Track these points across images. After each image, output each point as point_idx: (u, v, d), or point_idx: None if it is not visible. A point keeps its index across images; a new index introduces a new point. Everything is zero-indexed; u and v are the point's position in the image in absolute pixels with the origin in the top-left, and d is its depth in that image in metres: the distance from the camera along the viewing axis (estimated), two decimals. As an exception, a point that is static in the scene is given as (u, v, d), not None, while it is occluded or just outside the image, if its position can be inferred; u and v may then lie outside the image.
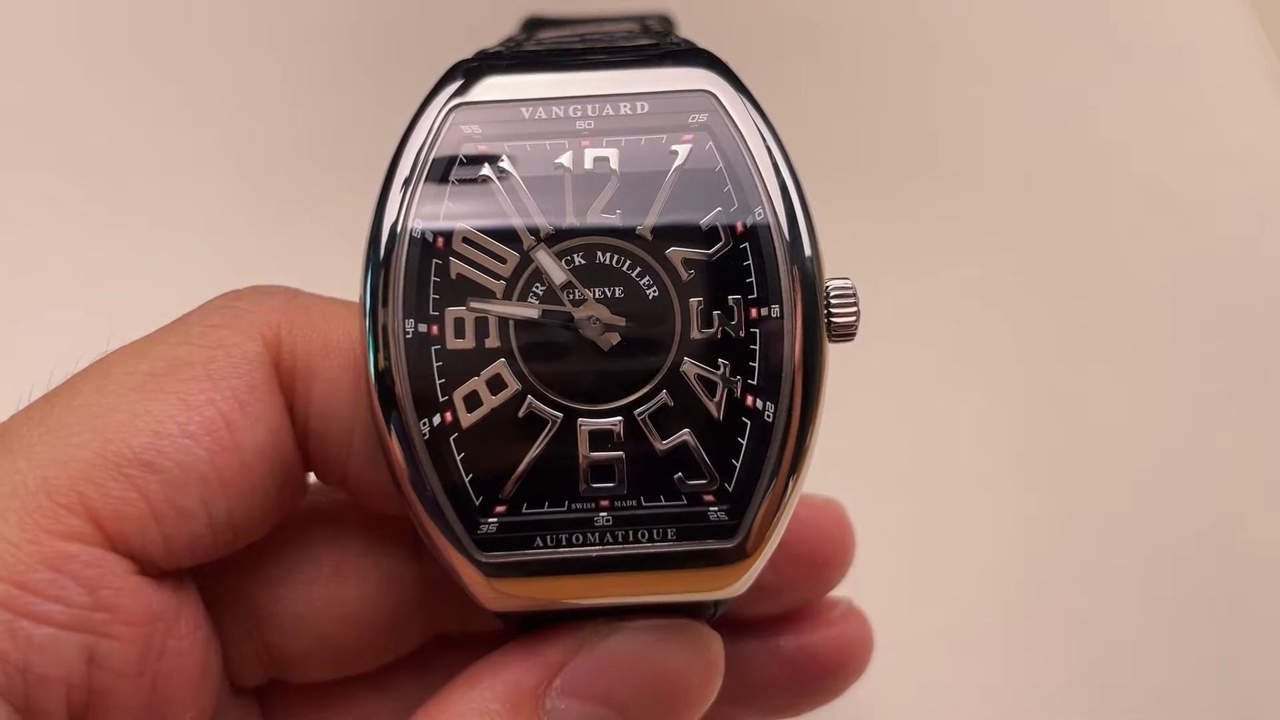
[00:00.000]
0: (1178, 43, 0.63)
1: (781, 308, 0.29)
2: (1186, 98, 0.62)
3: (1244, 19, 0.63)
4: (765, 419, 0.29)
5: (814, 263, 0.30)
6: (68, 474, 0.28)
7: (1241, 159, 0.61)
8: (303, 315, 0.31)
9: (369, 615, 0.34)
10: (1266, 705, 0.51)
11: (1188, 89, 0.62)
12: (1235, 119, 0.62)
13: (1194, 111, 0.62)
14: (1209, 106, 0.62)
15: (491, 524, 0.29)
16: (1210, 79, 0.63)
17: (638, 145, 0.30)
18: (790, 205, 0.30)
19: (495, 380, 0.30)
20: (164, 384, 0.29)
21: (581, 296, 0.30)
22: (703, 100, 0.31)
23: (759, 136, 0.30)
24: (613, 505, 0.30)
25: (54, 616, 0.27)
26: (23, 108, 0.61)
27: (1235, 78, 0.63)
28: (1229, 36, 0.63)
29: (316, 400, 0.31)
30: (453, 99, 0.31)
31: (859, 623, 0.39)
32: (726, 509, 0.30)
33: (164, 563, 0.29)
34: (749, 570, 0.30)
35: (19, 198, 0.59)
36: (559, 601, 0.30)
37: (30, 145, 0.60)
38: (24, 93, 0.61)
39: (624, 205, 0.30)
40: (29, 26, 0.63)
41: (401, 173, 0.30)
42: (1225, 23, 0.64)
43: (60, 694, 0.27)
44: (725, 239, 0.30)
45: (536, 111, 0.30)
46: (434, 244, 0.30)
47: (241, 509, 0.30)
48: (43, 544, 0.27)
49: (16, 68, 0.62)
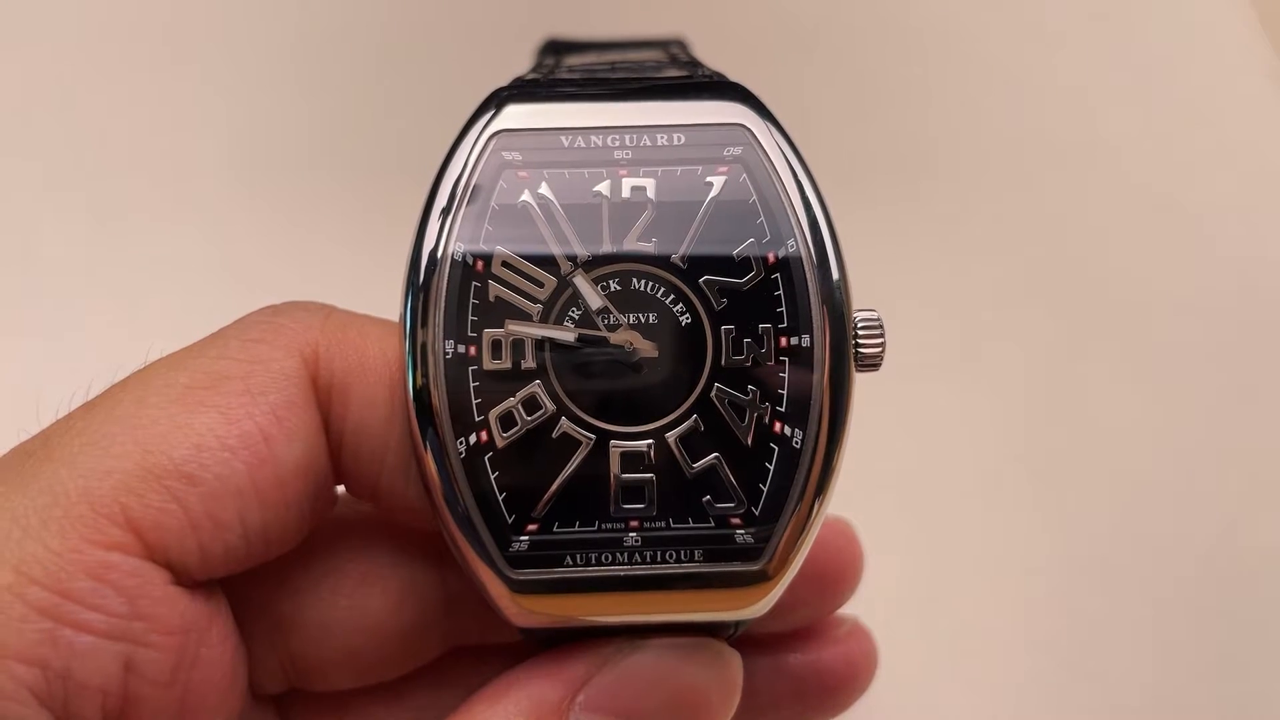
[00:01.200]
0: (1178, 43, 0.64)
1: (811, 337, 0.30)
2: (1186, 98, 0.63)
3: (1244, 19, 0.64)
4: (793, 445, 0.30)
5: (843, 294, 0.31)
6: (109, 484, 0.28)
7: (1241, 159, 0.62)
8: (339, 332, 0.31)
9: (390, 626, 0.35)
10: (1267, 705, 0.51)
11: (1188, 89, 0.63)
12: (1235, 119, 0.63)
13: (1194, 111, 0.63)
14: (1209, 106, 0.63)
15: (523, 542, 0.30)
16: (1210, 79, 0.64)
17: (674, 176, 0.31)
18: (820, 238, 0.31)
19: (530, 401, 0.30)
20: (203, 397, 0.30)
21: (616, 321, 0.31)
22: (737, 134, 0.31)
23: (790, 170, 0.31)
24: (642, 526, 0.30)
25: (95, 625, 0.27)
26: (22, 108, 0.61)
27: (1235, 78, 0.63)
28: (1229, 36, 0.64)
29: (352, 416, 0.31)
30: (491, 125, 0.31)
31: (864, 640, 0.40)
32: (753, 532, 0.30)
33: (199, 573, 0.30)
34: (772, 592, 0.31)
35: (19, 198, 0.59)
36: (584, 619, 0.31)
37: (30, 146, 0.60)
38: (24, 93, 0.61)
39: (659, 234, 0.31)
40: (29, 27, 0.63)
41: (441, 197, 0.31)
42: (1225, 23, 0.64)
43: (97, 701, 0.28)
44: (757, 269, 0.31)
45: (576, 140, 0.31)
46: (474, 267, 0.30)
47: (275, 522, 0.30)
48: (84, 553, 0.27)
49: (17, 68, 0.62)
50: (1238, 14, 0.64)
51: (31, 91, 0.61)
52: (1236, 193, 0.61)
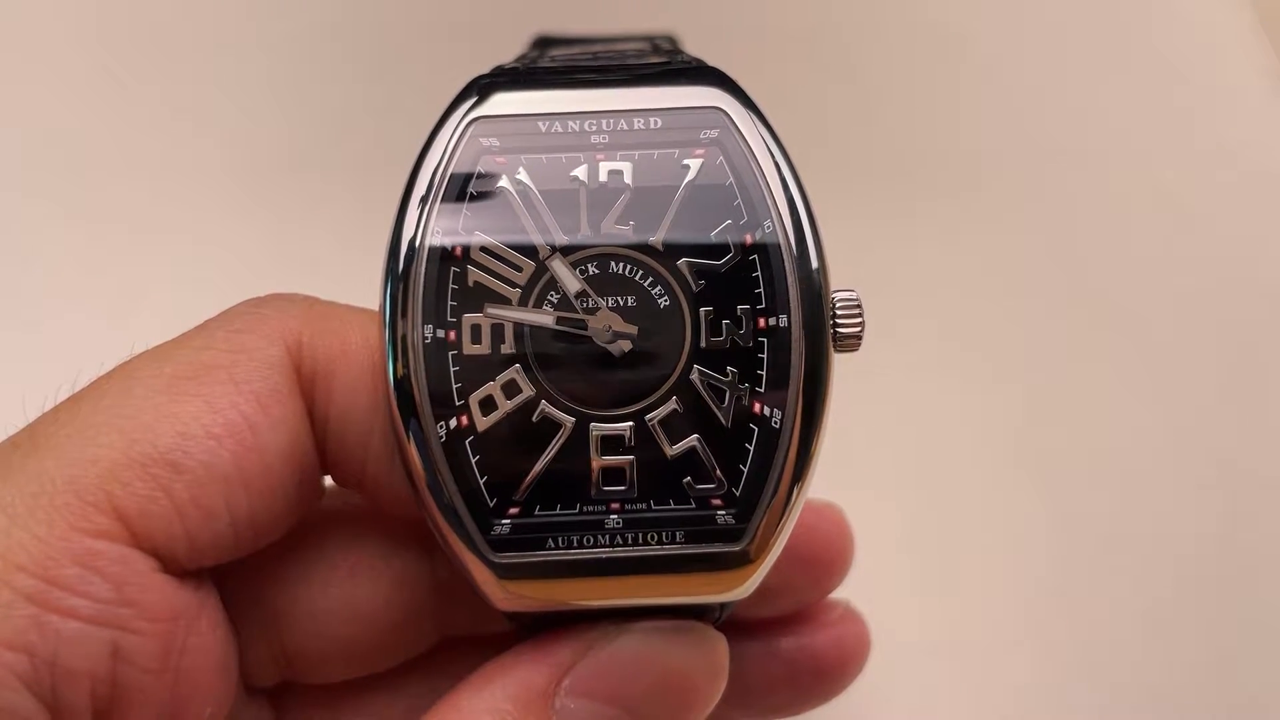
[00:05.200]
0: (1178, 43, 0.64)
1: (789, 318, 0.31)
2: (1186, 98, 0.63)
3: (1244, 19, 0.64)
4: (772, 425, 0.30)
5: (820, 274, 0.31)
6: (95, 473, 0.28)
7: (1241, 159, 0.61)
8: (322, 322, 0.32)
9: (381, 616, 0.35)
10: (1267, 705, 0.51)
11: (1188, 89, 0.63)
12: (1235, 119, 0.63)
13: (1194, 111, 0.62)
14: (1209, 106, 0.63)
15: (505, 525, 0.30)
16: (1210, 79, 0.63)
17: (651, 159, 0.31)
18: (798, 219, 0.31)
19: (510, 385, 0.30)
20: (188, 387, 0.30)
21: (595, 305, 0.31)
22: (714, 117, 0.32)
23: (768, 152, 0.31)
24: (623, 508, 0.30)
25: (81, 611, 0.28)
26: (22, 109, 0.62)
27: (1235, 78, 0.63)
28: (1229, 36, 0.64)
29: (336, 404, 0.31)
30: (470, 113, 0.32)
31: (856, 625, 0.40)
32: (734, 513, 0.30)
33: (187, 561, 0.30)
34: (755, 573, 0.31)
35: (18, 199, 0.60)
36: (569, 602, 0.31)
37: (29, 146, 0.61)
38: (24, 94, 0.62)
39: (637, 217, 0.31)
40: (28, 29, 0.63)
41: (420, 185, 0.31)
42: (1225, 23, 0.64)
43: (86, 688, 0.28)
44: (735, 251, 0.31)
45: (553, 126, 0.32)
46: (452, 252, 0.31)
47: (262, 509, 0.31)
48: (70, 540, 0.28)
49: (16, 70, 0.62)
50: (1238, 14, 0.64)
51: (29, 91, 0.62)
52: (1236, 193, 0.61)
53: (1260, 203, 0.61)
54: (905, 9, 0.65)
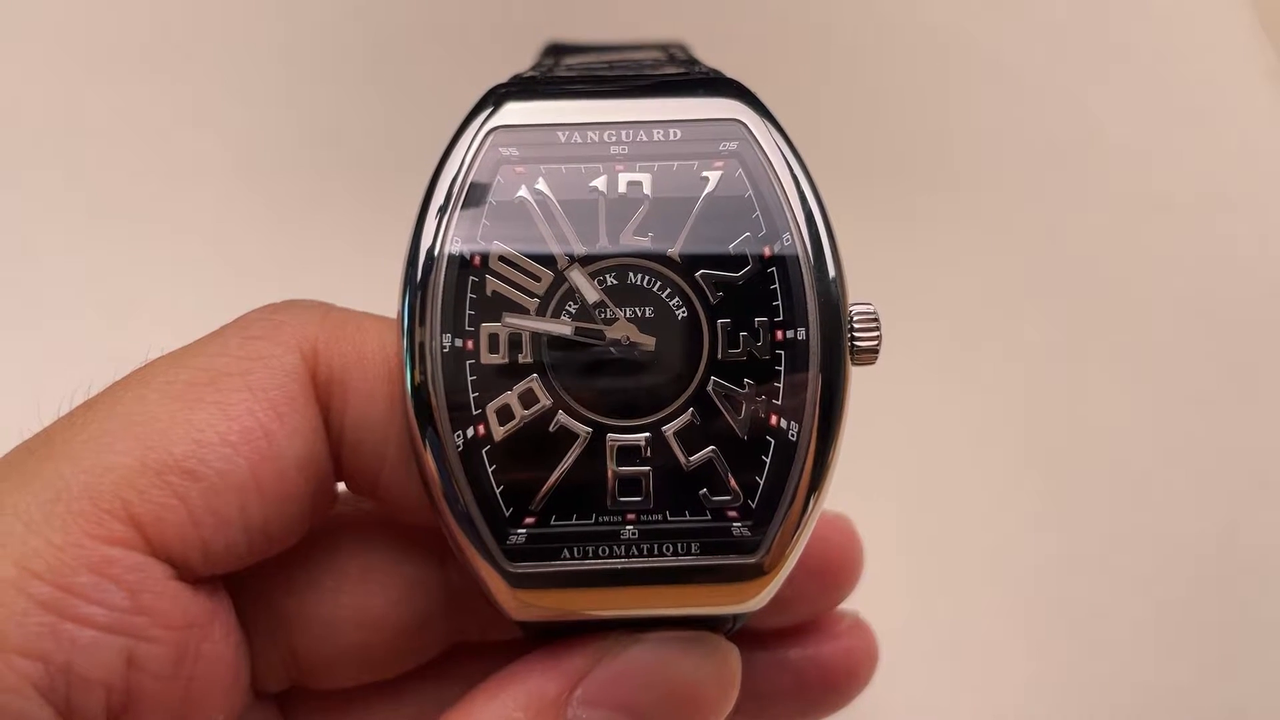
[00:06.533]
0: (1178, 43, 0.64)
1: (807, 331, 0.31)
2: (1186, 98, 0.63)
3: (1244, 19, 0.64)
4: (789, 438, 0.30)
5: (838, 287, 0.31)
6: (111, 480, 0.28)
7: (1241, 159, 0.62)
8: (338, 329, 0.32)
9: (392, 622, 0.35)
10: (1267, 705, 0.51)
11: (1188, 89, 0.63)
12: (1235, 119, 0.63)
13: (1194, 111, 0.63)
14: (1209, 106, 0.63)
15: (520, 535, 0.30)
16: (1210, 79, 0.64)
17: (670, 171, 0.31)
18: (816, 232, 0.31)
19: (527, 395, 0.30)
20: (204, 394, 0.30)
21: (613, 315, 0.31)
22: (733, 129, 0.32)
23: (786, 165, 0.31)
24: (639, 519, 0.31)
25: (96, 619, 0.28)
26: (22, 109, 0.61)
27: (1235, 78, 0.63)
28: (1229, 36, 0.64)
29: (351, 412, 0.31)
30: (489, 122, 0.32)
31: (865, 636, 0.40)
32: (749, 525, 0.31)
33: (201, 569, 0.30)
34: (769, 585, 0.31)
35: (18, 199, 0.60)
36: (582, 612, 0.31)
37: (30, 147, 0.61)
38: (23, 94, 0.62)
39: (656, 228, 0.31)
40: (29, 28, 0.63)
41: (439, 194, 0.31)
42: (1225, 23, 0.64)
43: (100, 695, 0.28)
44: (753, 263, 0.31)
45: (572, 136, 0.31)
46: (471, 261, 0.31)
47: (277, 517, 0.31)
48: (86, 548, 0.28)
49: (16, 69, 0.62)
50: (1238, 14, 0.64)
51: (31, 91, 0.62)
52: (1236, 193, 0.61)
53: (1260, 202, 0.61)
54: (905, 8, 0.65)
